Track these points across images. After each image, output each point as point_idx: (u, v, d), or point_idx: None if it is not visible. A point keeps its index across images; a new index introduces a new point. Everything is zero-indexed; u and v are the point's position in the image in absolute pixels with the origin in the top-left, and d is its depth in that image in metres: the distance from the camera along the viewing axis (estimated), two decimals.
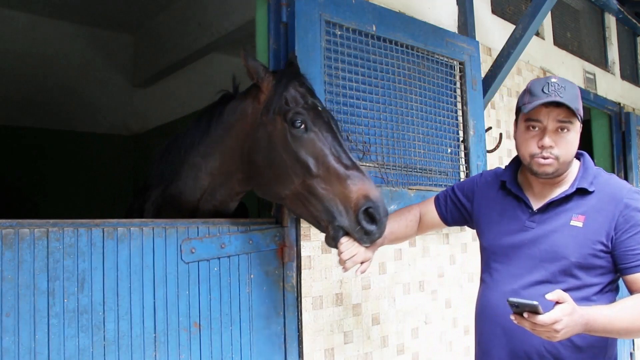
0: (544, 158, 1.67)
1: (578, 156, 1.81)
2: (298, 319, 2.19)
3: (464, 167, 3.00)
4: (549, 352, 1.66)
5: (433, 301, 2.89)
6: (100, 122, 6.43)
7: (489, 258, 1.86)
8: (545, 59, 4.20)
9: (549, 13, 3.88)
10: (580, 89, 4.59)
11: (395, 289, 2.68)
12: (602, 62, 5.19)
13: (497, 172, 1.99)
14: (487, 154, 3.16)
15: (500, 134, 3.30)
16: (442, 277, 2.96)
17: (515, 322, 1.43)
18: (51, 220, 1.56)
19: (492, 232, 1.86)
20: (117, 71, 6.52)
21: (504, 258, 1.79)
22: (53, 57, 5.90)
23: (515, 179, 1.88)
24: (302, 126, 1.80)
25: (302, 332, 2.19)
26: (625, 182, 1.77)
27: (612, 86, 5.13)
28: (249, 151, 1.92)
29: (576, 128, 1.68)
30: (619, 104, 5.12)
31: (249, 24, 4.17)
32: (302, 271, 2.21)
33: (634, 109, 5.39)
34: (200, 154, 2.09)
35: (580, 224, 1.67)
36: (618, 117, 5.08)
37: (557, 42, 4.45)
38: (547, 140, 1.66)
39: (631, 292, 1.64)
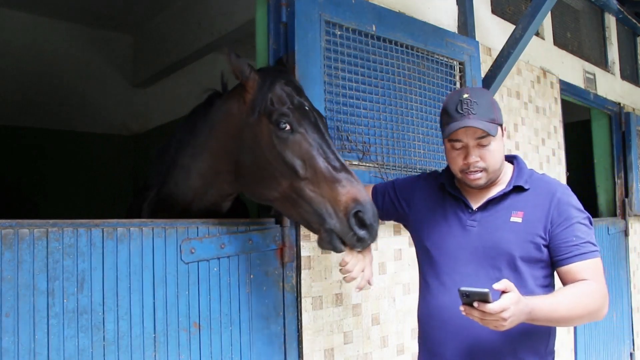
0: (473, 172, 1.74)
1: (511, 160, 1.89)
2: (298, 319, 2.19)
3: None
4: (504, 348, 1.69)
5: None
6: (100, 122, 6.43)
7: (434, 259, 1.86)
8: (545, 59, 4.19)
9: (549, 13, 3.88)
10: (580, 89, 4.58)
11: (395, 289, 2.68)
12: (602, 62, 5.19)
13: (435, 174, 2.04)
14: None
15: None
16: None
17: (464, 313, 1.45)
18: (51, 221, 1.56)
19: (436, 233, 1.88)
20: (116, 71, 6.51)
21: (448, 259, 1.81)
22: (53, 57, 5.90)
23: (452, 182, 1.92)
24: (288, 127, 1.76)
25: (301, 332, 2.19)
26: (556, 179, 1.86)
27: (612, 86, 5.13)
28: (236, 152, 1.89)
29: (497, 137, 1.74)
30: (619, 104, 5.12)
31: (249, 24, 4.17)
32: (302, 271, 2.21)
33: (634, 109, 5.38)
34: (188, 155, 2.07)
35: (519, 220, 1.74)
36: (618, 117, 5.08)
37: (557, 42, 4.45)
38: (472, 158, 1.73)
39: (564, 283, 1.69)
